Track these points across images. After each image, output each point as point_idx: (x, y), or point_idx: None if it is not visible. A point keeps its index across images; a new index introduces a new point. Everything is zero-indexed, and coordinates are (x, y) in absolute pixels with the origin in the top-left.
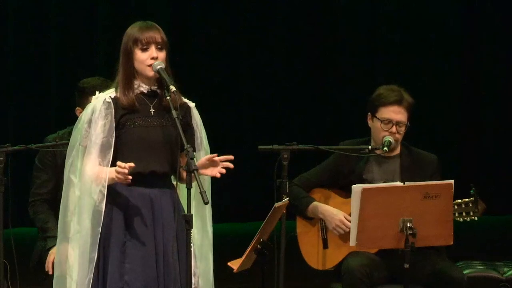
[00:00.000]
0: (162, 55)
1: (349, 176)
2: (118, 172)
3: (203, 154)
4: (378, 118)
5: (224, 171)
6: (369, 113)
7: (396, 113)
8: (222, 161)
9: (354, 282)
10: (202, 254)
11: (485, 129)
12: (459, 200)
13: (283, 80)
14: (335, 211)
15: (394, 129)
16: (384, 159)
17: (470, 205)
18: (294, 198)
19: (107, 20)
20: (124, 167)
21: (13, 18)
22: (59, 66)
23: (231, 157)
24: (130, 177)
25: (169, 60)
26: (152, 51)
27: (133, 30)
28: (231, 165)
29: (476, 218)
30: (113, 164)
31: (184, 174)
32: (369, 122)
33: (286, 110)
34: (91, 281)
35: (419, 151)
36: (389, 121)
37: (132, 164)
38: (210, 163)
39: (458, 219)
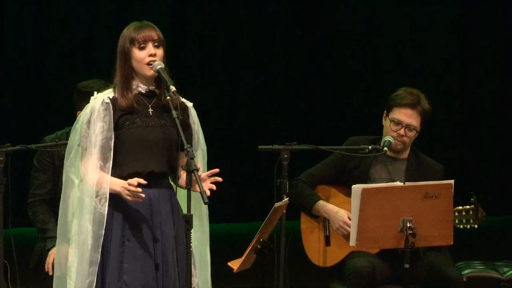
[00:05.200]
0: (160, 52)
1: (354, 170)
2: (128, 190)
3: (200, 154)
4: (389, 118)
5: (214, 187)
6: (384, 111)
7: (407, 116)
8: (209, 176)
9: (360, 282)
10: (200, 254)
11: (485, 128)
12: (460, 207)
13: (284, 80)
14: (339, 212)
15: (402, 131)
16: (391, 159)
17: (471, 212)
18: (299, 195)
19: (108, 20)
20: (134, 185)
21: (13, 18)
22: (59, 66)
23: (217, 170)
24: (143, 195)
25: (168, 59)
26: (150, 48)
27: (129, 31)
28: (219, 179)
29: (476, 226)
30: (113, 164)
31: (184, 176)
32: (383, 120)
33: (286, 110)
34: (94, 283)
35: (427, 158)
36: (398, 123)
37: (142, 181)
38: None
39: (458, 226)
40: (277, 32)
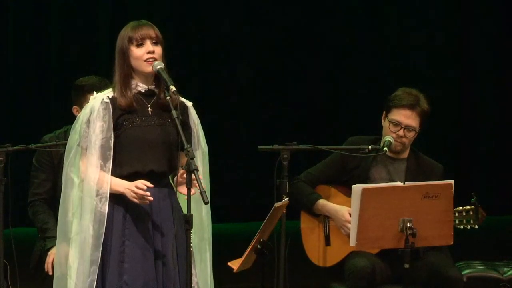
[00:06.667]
0: (158, 49)
1: (354, 170)
2: (135, 193)
3: (200, 154)
4: (388, 119)
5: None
6: (384, 112)
7: (406, 117)
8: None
9: (360, 282)
10: (200, 254)
11: (484, 128)
12: (460, 208)
13: (284, 80)
14: (340, 211)
15: (401, 132)
16: (391, 160)
17: (471, 213)
18: (300, 194)
19: (108, 20)
20: (144, 188)
21: (13, 18)
22: (59, 66)
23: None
24: (151, 198)
25: (168, 58)
26: (148, 46)
27: (126, 30)
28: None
29: (476, 227)
30: (113, 164)
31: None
32: (382, 121)
33: (286, 110)
34: (95, 282)
35: (426, 158)
36: (397, 124)
37: (149, 184)
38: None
39: (458, 226)
40: (277, 31)
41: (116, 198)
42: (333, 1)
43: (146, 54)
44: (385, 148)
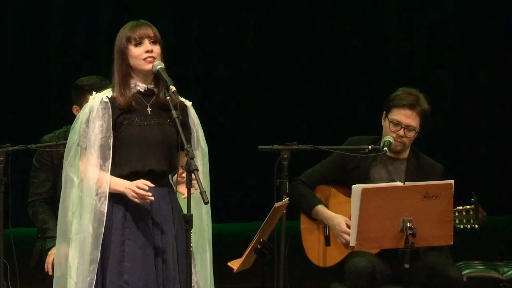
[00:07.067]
0: (156, 48)
1: (354, 170)
2: (136, 192)
3: (200, 154)
4: (389, 119)
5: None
6: (384, 112)
7: (406, 117)
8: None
9: (360, 282)
10: (200, 254)
11: (484, 128)
12: (460, 207)
13: (284, 80)
14: (336, 219)
15: (402, 132)
16: (391, 160)
17: (471, 212)
18: (299, 197)
19: (108, 20)
20: (145, 189)
21: (13, 18)
22: (59, 66)
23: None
24: (152, 198)
25: (168, 58)
26: (146, 45)
27: (125, 30)
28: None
29: (476, 226)
30: (113, 163)
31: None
32: (382, 121)
33: (286, 110)
34: (94, 281)
35: (426, 158)
36: (398, 123)
37: (150, 184)
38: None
39: (458, 226)
40: (277, 31)
41: (116, 198)
42: (333, 1)
43: (145, 53)
44: (385, 148)
